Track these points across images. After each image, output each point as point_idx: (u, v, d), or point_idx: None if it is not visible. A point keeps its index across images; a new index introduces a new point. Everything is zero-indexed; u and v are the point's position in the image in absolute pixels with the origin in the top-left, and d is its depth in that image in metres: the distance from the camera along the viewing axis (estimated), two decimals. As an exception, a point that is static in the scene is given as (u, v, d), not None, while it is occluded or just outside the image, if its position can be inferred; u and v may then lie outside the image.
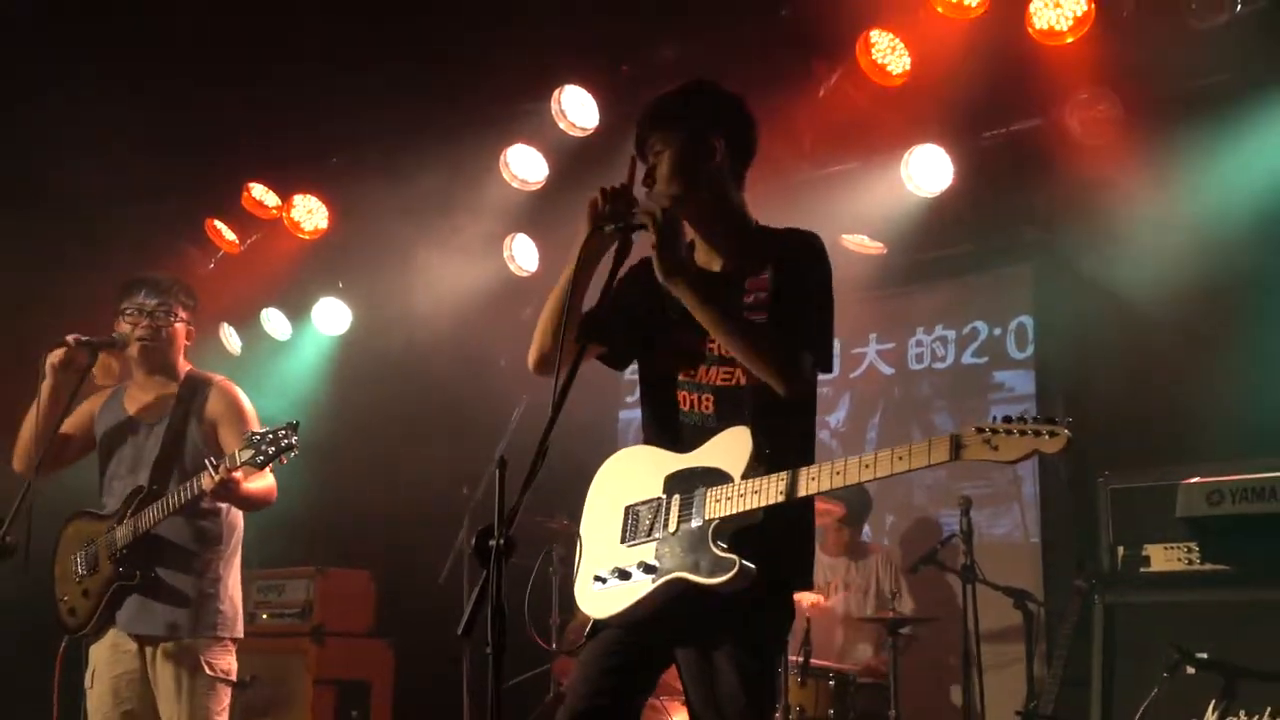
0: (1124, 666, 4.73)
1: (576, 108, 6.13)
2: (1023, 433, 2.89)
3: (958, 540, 5.64)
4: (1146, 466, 5.06)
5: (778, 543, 3.13)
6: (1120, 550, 4.92)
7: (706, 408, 3.29)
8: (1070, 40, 5.04)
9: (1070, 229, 6.27)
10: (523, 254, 7.04)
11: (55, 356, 4.43)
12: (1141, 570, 4.86)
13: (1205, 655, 4.45)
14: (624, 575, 3.22)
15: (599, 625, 3.27)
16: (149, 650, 4.42)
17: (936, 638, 6.02)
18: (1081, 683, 4.90)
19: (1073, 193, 5.92)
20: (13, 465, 4.62)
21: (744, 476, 3.11)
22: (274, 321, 7.72)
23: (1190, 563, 4.71)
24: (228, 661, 4.48)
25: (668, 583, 3.13)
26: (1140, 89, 5.30)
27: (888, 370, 7.38)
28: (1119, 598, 4.86)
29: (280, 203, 7.14)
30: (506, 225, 6.94)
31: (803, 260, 3.30)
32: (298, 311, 7.68)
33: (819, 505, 6.09)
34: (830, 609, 6.32)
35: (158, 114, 6.31)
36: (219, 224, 7.34)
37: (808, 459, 3.20)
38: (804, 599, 6.03)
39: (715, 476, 3.16)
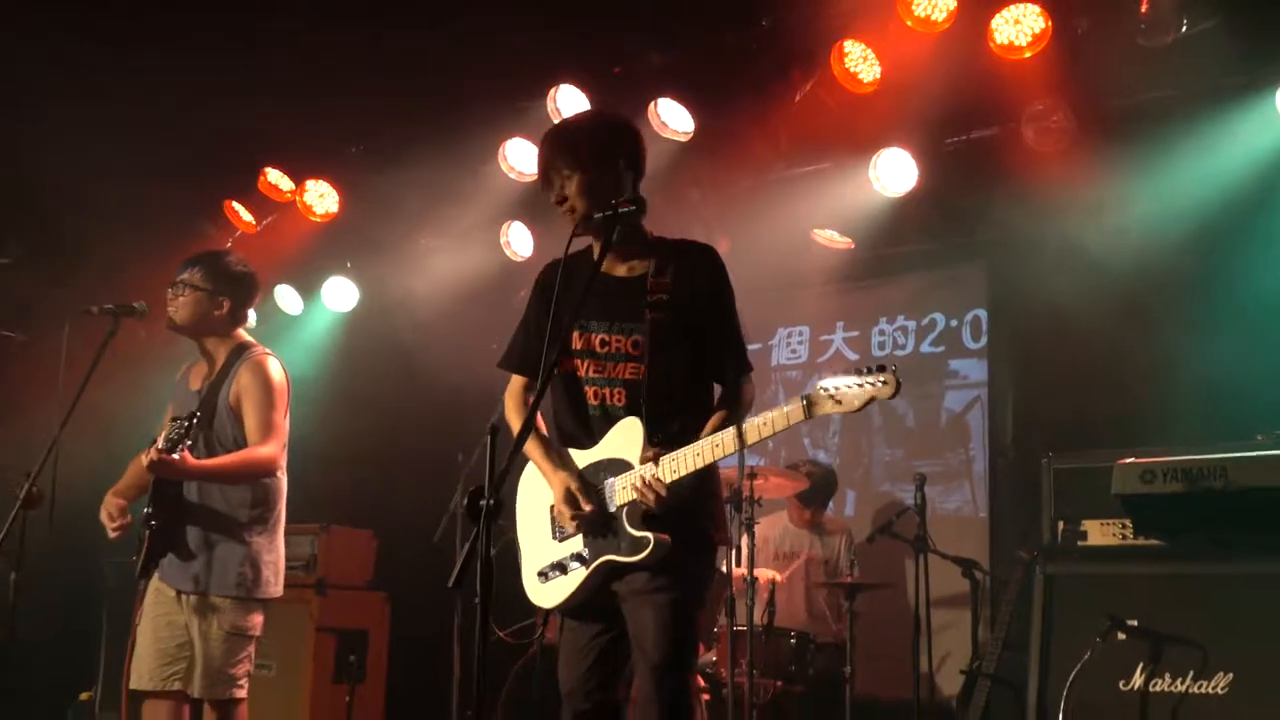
0: (1061, 632, 4.74)
1: (570, 105, 6.11)
2: (860, 385, 3.08)
3: (912, 513, 5.66)
4: (1086, 449, 5.07)
5: (685, 510, 3.27)
6: (1060, 525, 4.93)
7: (618, 400, 3.38)
8: (1028, 55, 5.04)
9: (1023, 230, 6.28)
10: (518, 240, 7.02)
11: None
12: (1079, 544, 4.87)
13: (1135, 623, 4.47)
14: (561, 568, 3.40)
15: (550, 614, 3.48)
16: (182, 598, 4.44)
17: (890, 602, 6.04)
18: (1022, 646, 4.92)
19: (1026, 196, 5.92)
20: None
21: (640, 463, 3.25)
22: (286, 297, 7.69)
23: (1124, 538, 4.73)
24: (246, 618, 4.43)
25: (598, 567, 3.32)
26: (1091, 102, 5.31)
27: (853, 356, 7.39)
28: (1058, 569, 4.87)
29: (294, 187, 7.11)
30: (503, 213, 6.92)
31: (708, 271, 3.44)
32: (308, 288, 7.66)
33: (779, 480, 6.16)
34: (794, 576, 6.34)
35: (182, 104, 6.27)
36: (237, 206, 7.31)
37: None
38: (762, 575, 6.03)
39: (619, 466, 3.32)
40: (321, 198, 7.10)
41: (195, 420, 4.18)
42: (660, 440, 3.28)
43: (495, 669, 5.99)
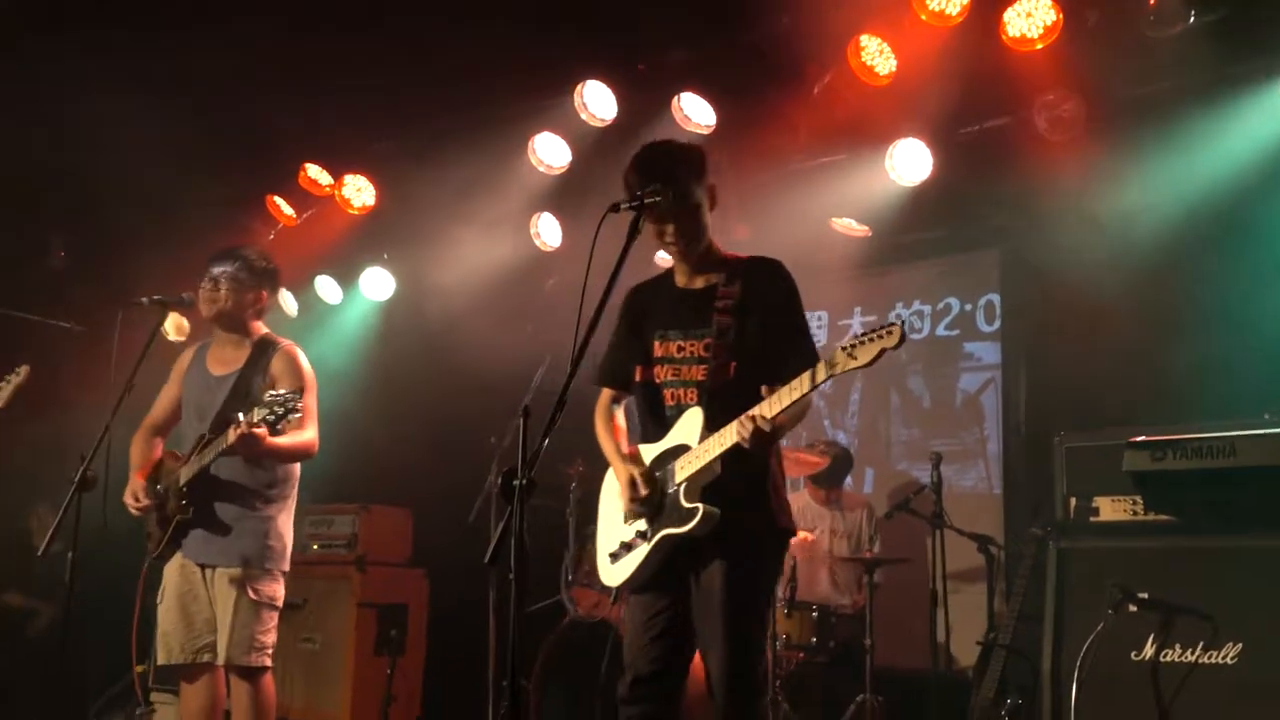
0: (1074, 604, 4.73)
1: (597, 101, 6.11)
2: (870, 340, 3.19)
3: (929, 491, 5.65)
4: (1097, 428, 5.05)
5: (739, 489, 3.44)
6: (1073, 501, 4.91)
7: (690, 399, 3.55)
8: (1039, 47, 5.00)
9: (1035, 216, 6.25)
10: (547, 231, 7.02)
11: None
12: (1091, 520, 4.85)
13: (1145, 595, 4.45)
14: (629, 547, 3.55)
15: (619, 592, 3.63)
16: (208, 574, 4.49)
17: (908, 576, 6.04)
18: (1035, 618, 4.91)
19: (1038, 184, 5.89)
20: None
21: (698, 443, 3.44)
22: (326, 287, 7.72)
23: (1135, 513, 4.71)
24: (273, 589, 4.52)
25: (659, 541, 3.46)
26: (1101, 92, 5.27)
27: (870, 339, 7.33)
28: (1071, 543, 4.86)
29: (332, 182, 7.13)
30: (533, 205, 6.93)
31: (773, 281, 3.62)
32: (347, 279, 7.68)
33: (803, 458, 6.16)
34: (815, 549, 6.34)
35: (226, 103, 6.30)
36: (278, 200, 7.34)
37: None
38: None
39: (679, 451, 3.50)
40: (359, 191, 7.12)
41: (295, 402, 4.19)
42: (719, 426, 3.42)
43: (528, 641, 6.03)
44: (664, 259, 7.10)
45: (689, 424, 3.51)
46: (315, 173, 7.13)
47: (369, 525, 7.01)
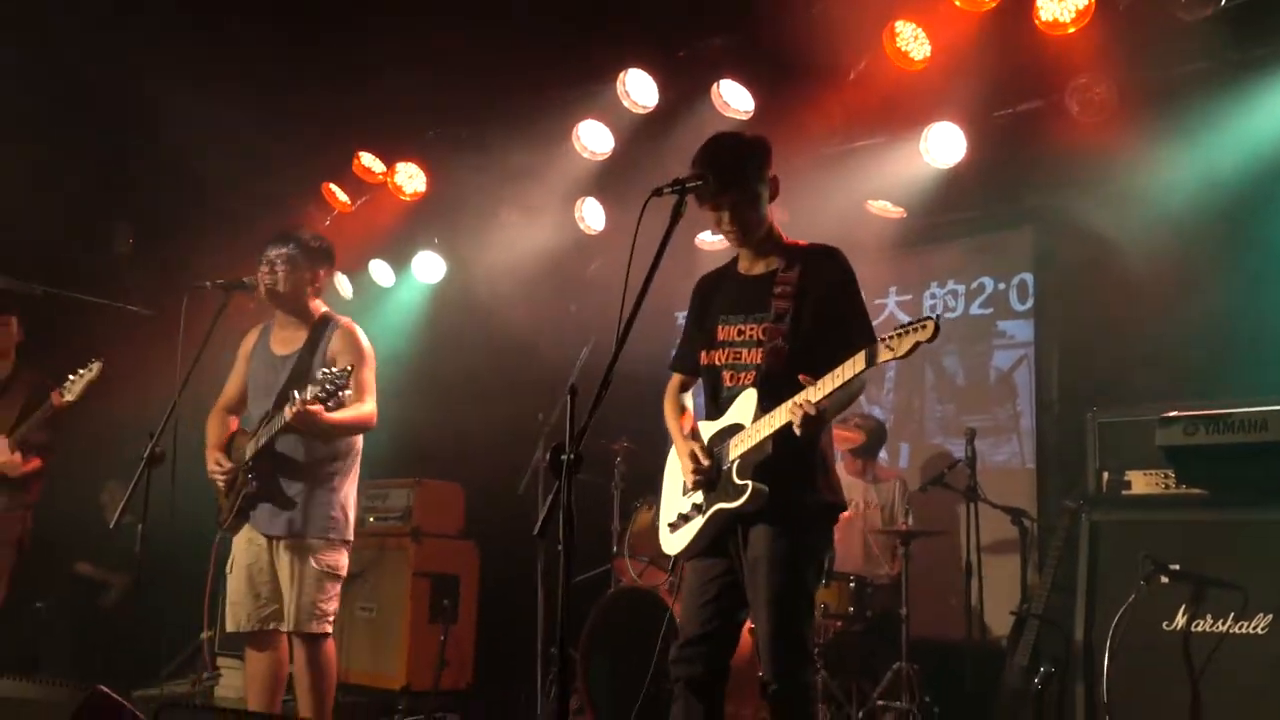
0: (1106, 575, 4.67)
1: (638, 88, 6.07)
2: (906, 333, 3.25)
3: (963, 465, 5.60)
4: (1129, 404, 4.98)
5: (789, 467, 3.47)
6: (1105, 475, 4.85)
7: (747, 380, 3.58)
8: (1072, 30, 4.91)
9: (1067, 197, 6.15)
10: (591, 215, 7.00)
11: None
12: (1123, 493, 4.79)
13: (1177, 567, 4.39)
14: (685, 518, 3.64)
15: (677, 560, 3.75)
16: (274, 544, 4.51)
17: (943, 548, 5.99)
18: (1068, 589, 4.86)
19: (1070, 165, 5.80)
20: None
21: (752, 423, 3.50)
22: (380, 271, 7.74)
23: (1167, 487, 4.64)
24: (336, 558, 4.53)
25: (712, 514, 3.55)
26: (1133, 74, 5.17)
27: (905, 319, 7.24)
28: (1103, 516, 4.79)
29: (385, 169, 7.14)
30: (577, 190, 6.91)
31: (830, 266, 3.66)
32: (400, 262, 7.70)
33: (840, 433, 6.12)
34: (852, 522, 6.30)
35: (283, 95, 6.32)
36: (334, 187, 7.36)
37: None
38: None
39: (734, 430, 3.56)
40: (411, 178, 7.14)
41: (345, 378, 4.21)
42: (772, 407, 3.45)
43: (575, 610, 6.04)
44: (704, 241, 7.11)
45: (744, 405, 3.55)
46: (369, 161, 7.14)
47: (423, 499, 7.05)
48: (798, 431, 3.34)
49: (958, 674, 5.53)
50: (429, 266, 7.62)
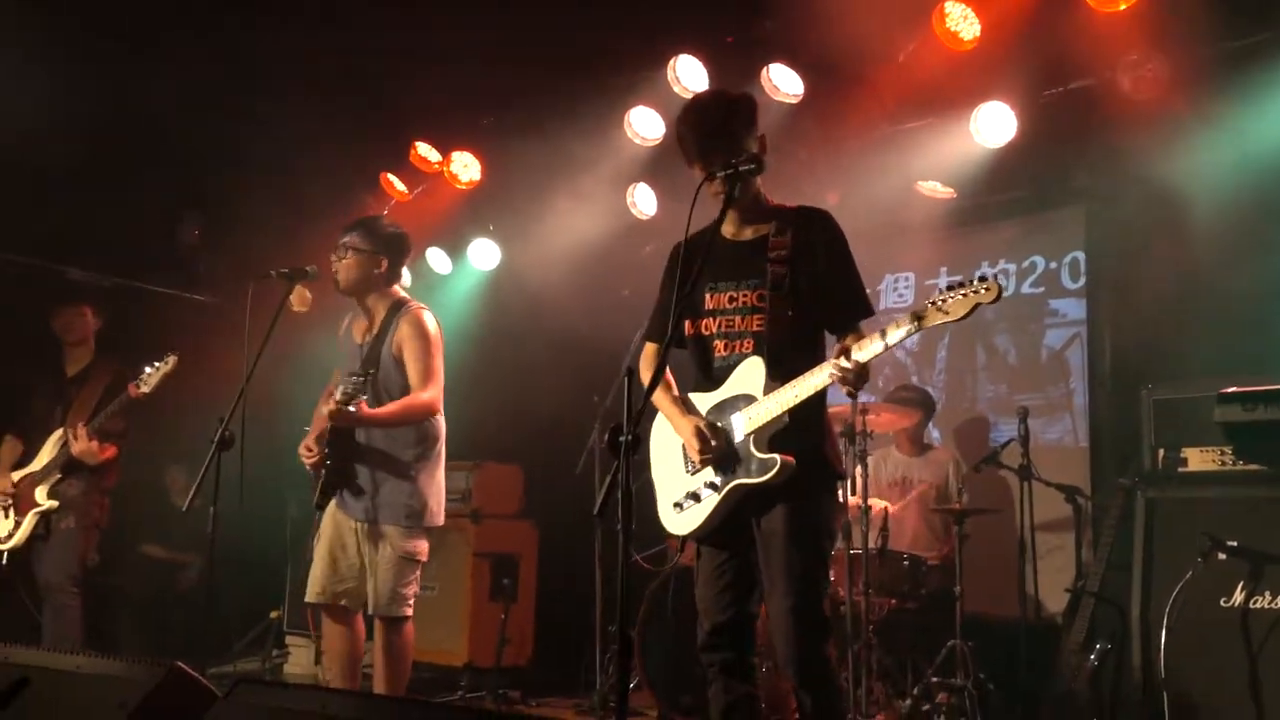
0: (1162, 552, 4.60)
1: (689, 74, 6.04)
2: (964, 295, 3.05)
3: (1016, 444, 5.53)
4: (1183, 381, 4.89)
5: (800, 436, 3.33)
6: (1160, 452, 4.77)
7: (746, 348, 3.42)
8: (1123, 7, 4.82)
9: (1118, 174, 6.05)
10: (643, 200, 6.99)
11: None
12: (1179, 470, 4.71)
13: (1235, 543, 4.31)
14: (695, 498, 3.44)
15: (685, 540, 3.53)
16: (359, 528, 4.57)
17: (997, 527, 5.93)
18: (1124, 566, 4.79)
19: (1122, 143, 5.69)
20: None
21: (765, 394, 3.31)
22: (436, 259, 7.79)
23: (1224, 463, 4.55)
24: (415, 545, 4.57)
25: (729, 491, 3.36)
26: (1185, 49, 5.06)
27: (956, 299, 7.20)
28: (1159, 493, 4.72)
29: (441, 158, 7.16)
30: (629, 176, 6.89)
31: (823, 230, 3.49)
32: (456, 250, 7.74)
33: (890, 417, 6.08)
34: (907, 501, 6.26)
35: (342, 87, 6.36)
36: (391, 176, 7.41)
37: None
38: (875, 505, 5.99)
39: (743, 401, 3.37)
40: (466, 167, 7.15)
41: (370, 375, 4.29)
42: (779, 375, 3.31)
43: (632, 588, 6.06)
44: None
45: (749, 374, 3.38)
46: (425, 150, 7.17)
47: (482, 480, 7.10)
48: (846, 386, 3.18)
49: (1012, 652, 5.47)
50: (484, 254, 7.65)
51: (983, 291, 3.04)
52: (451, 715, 2.64)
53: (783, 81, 5.82)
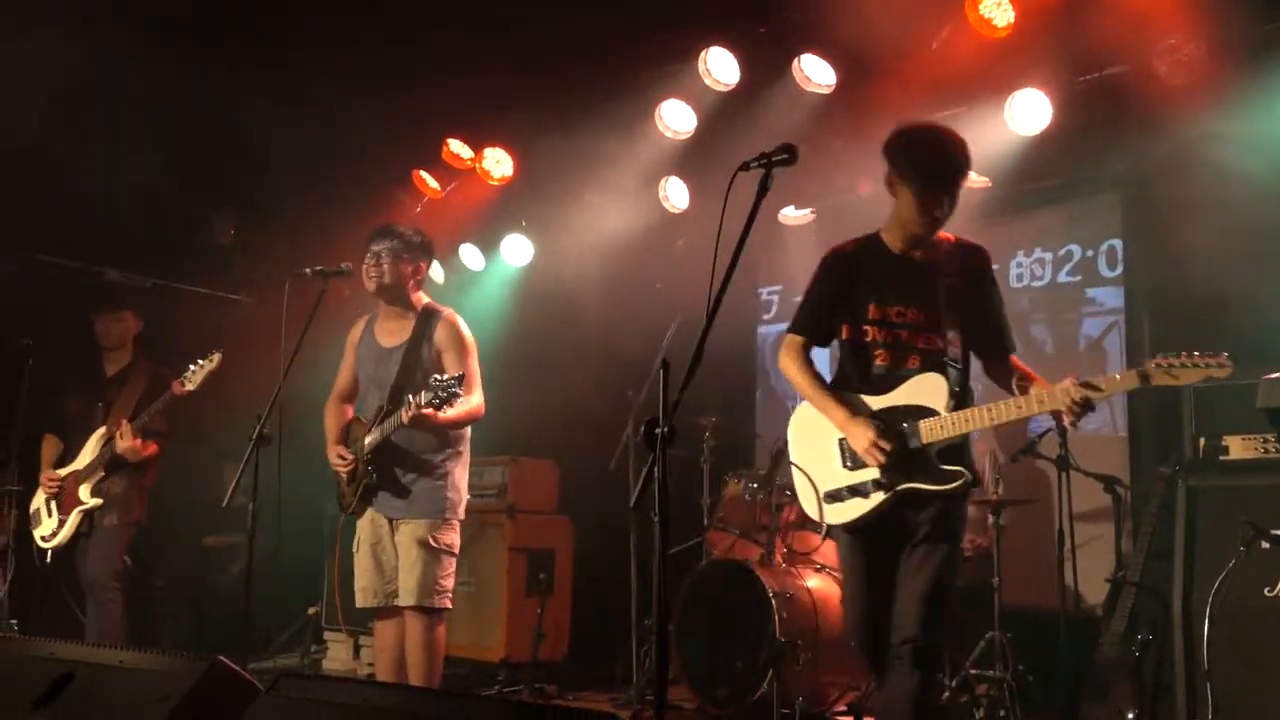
0: (1204, 541, 4.54)
1: (720, 66, 6.03)
2: (1195, 365, 3.30)
3: (1054, 434, 5.49)
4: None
5: (969, 451, 3.68)
6: (1201, 441, 4.72)
7: (912, 364, 3.66)
8: (1159, -10, 4.77)
9: (1156, 160, 5.97)
10: (675, 194, 6.98)
11: None
12: (1221, 458, 4.66)
13: (1278, 532, 4.25)
14: (858, 492, 3.65)
15: (831, 530, 3.77)
16: (394, 525, 4.64)
17: (1035, 517, 5.89)
18: (1164, 556, 4.73)
19: (1159, 128, 5.61)
20: None
21: (948, 410, 3.57)
22: (470, 255, 7.82)
23: (1267, 451, 4.50)
24: (451, 537, 4.69)
25: (900, 491, 3.59)
26: (1222, 33, 4.99)
27: (992, 289, 7.16)
28: (1201, 481, 4.66)
29: (473, 155, 7.19)
30: (661, 169, 6.88)
31: (981, 262, 3.82)
32: (489, 246, 7.77)
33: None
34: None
35: (376, 86, 6.39)
36: (424, 174, 7.44)
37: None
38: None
39: (921, 411, 3.60)
40: (498, 163, 7.18)
41: (457, 385, 4.33)
42: (956, 394, 3.61)
43: (668, 581, 6.05)
44: (788, 216, 7.04)
45: (930, 389, 3.62)
46: (457, 147, 7.20)
47: (518, 476, 7.13)
48: (1068, 422, 3.50)
49: (1051, 643, 5.43)
50: (517, 249, 7.67)
51: (1215, 366, 3.28)
52: (492, 708, 2.65)
53: (814, 72, 5.79)
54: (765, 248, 7.44)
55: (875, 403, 3.69)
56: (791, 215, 7.09)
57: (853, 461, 3.69)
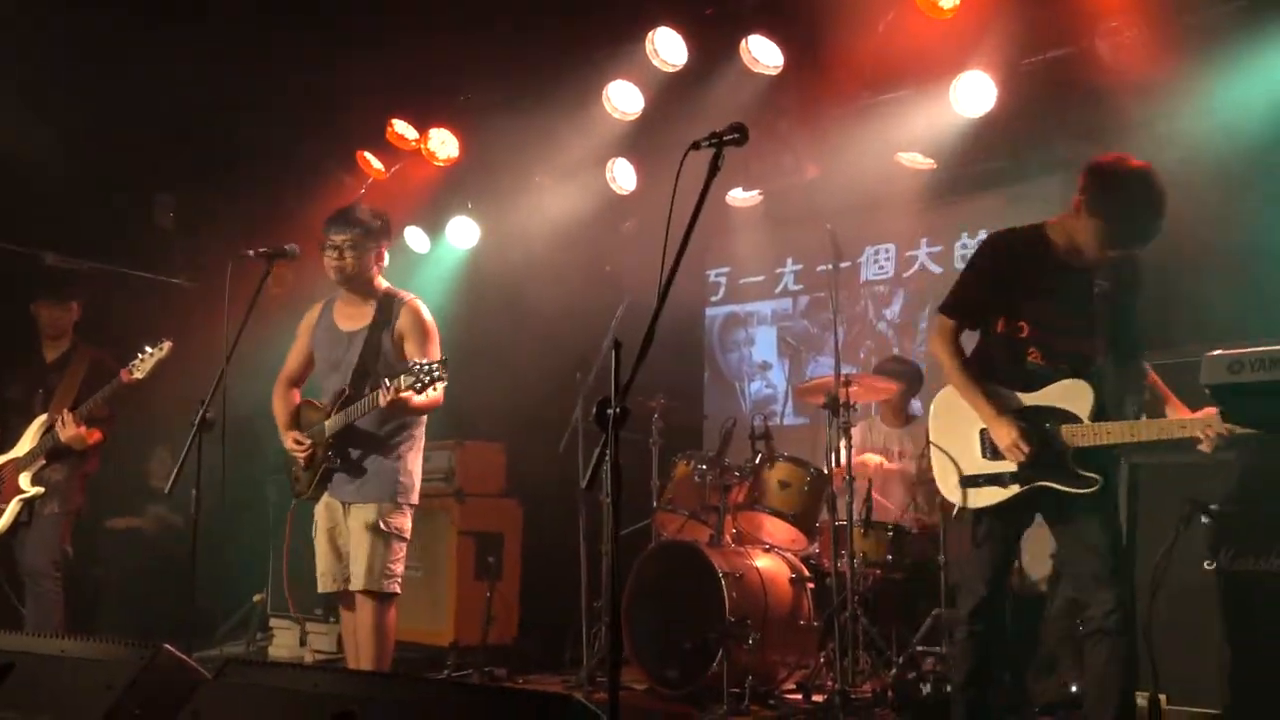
0: (1146, 518, 4.60)
1: (668, 47, 6.02)
2: None
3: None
4: (1168, 347, 4.90)
5: (1108, 459, 3.80)
6: (1144, 418, 4.78)
7: (1062, 368, 3.79)
8: (1101, -27, 4.82)
9: (1098, 143, 6.03)
10: (622, 175, 6.96)
11: None
12: (1162, 435, 4.72)
13: (1216, 507, 4.34)
14: (996, 481, 3.84)
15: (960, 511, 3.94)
16: (347, 509, 4.60)
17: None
18: (1107, 532, 4.80)
19: (1102, 111, 5.69)
20: None
21: (1091, 419, 3.71)
22: (415, 238, 7.74)
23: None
24: (402, 521, 4.64)
25: (1038, 488, 3.78)
26: (1164, 16, 5.06)
27: (936, 269, 7.23)
28: (1143, 458, 4.71)
29: (418, 135, 7.12)
30: (608, 150, 6.86)
31: (1133, 276, 3.89)
32: (434, 229, 7.70)
33: (878, 385, 6.08)
34: (891, 471, 6.27)
35: (317, 65, 6.31)
36: (368, 155, 7.35)
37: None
38: (869, 461, 6.04)
39: (1065, 415, 3.75)
40: (443, 144, 7.11)
41: (437, 370, 4.28)
42: (1101, 405, 3.73)
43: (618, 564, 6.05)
44: (735, 198, 7.05)
45: (1077, 396, 3.75)
46: (402, 128, 7.12)
47: (465, 459, 7.08)
48: (1208, 449, 3.70)
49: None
50: (463, 232, 7.61)
51: None
52: (442, 690, 2.63)
53: (762, 53, 5.79)
54: (713, 230, 7.45)
55: (1023, 398, 3.82)
56: (739, 197, 7.10)
57: (993, 453, 3.85)
